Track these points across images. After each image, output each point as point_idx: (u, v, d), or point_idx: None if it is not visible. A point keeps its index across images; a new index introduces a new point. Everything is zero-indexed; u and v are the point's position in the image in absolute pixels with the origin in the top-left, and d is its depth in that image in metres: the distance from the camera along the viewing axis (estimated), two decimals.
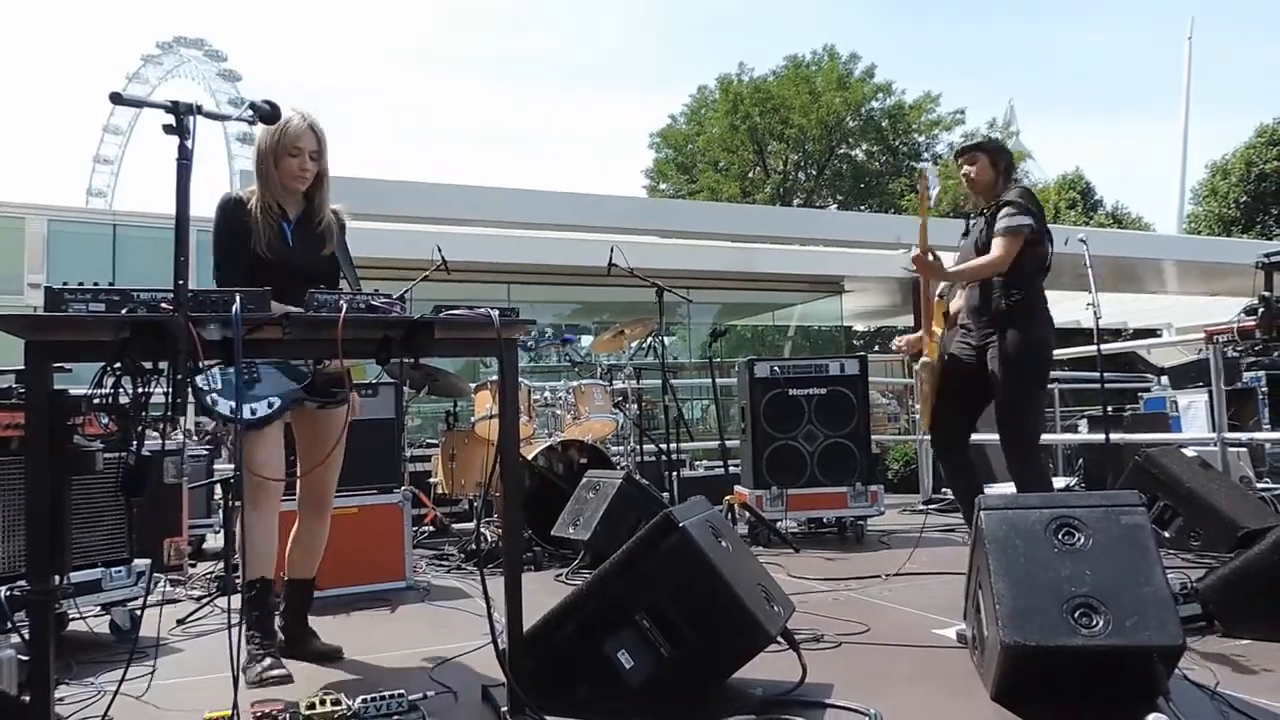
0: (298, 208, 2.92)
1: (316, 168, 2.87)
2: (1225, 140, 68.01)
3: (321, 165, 2.89)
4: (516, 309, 2.35)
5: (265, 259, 2.76)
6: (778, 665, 2.56)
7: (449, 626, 3.54)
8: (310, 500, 3.06)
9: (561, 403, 5.77)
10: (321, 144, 2.87)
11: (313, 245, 2.90)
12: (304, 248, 2.87)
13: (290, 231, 2.87)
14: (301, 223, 2.90)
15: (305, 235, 2.89)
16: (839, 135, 30.54)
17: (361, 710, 2.22)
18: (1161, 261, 14.60)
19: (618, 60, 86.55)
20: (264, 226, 2.79)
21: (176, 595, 4.26)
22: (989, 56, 75.05)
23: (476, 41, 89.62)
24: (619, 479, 4.69)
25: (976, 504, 2.53)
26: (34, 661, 1.95)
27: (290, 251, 2.83)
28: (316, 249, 2.90)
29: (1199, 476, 4.52)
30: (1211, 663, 2.57)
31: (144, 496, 2.09)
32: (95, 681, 2.80)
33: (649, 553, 2.43)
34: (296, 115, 2.82)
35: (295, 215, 2.90)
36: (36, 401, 1.98)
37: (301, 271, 2.77)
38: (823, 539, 5.64)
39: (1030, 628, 2.18)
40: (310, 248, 2.89)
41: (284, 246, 2.83)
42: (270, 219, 2.81)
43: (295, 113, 2.82)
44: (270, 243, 2.79)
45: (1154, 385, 10.58)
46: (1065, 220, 27.90)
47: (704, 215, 13.88)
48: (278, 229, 2.83)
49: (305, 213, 2.92)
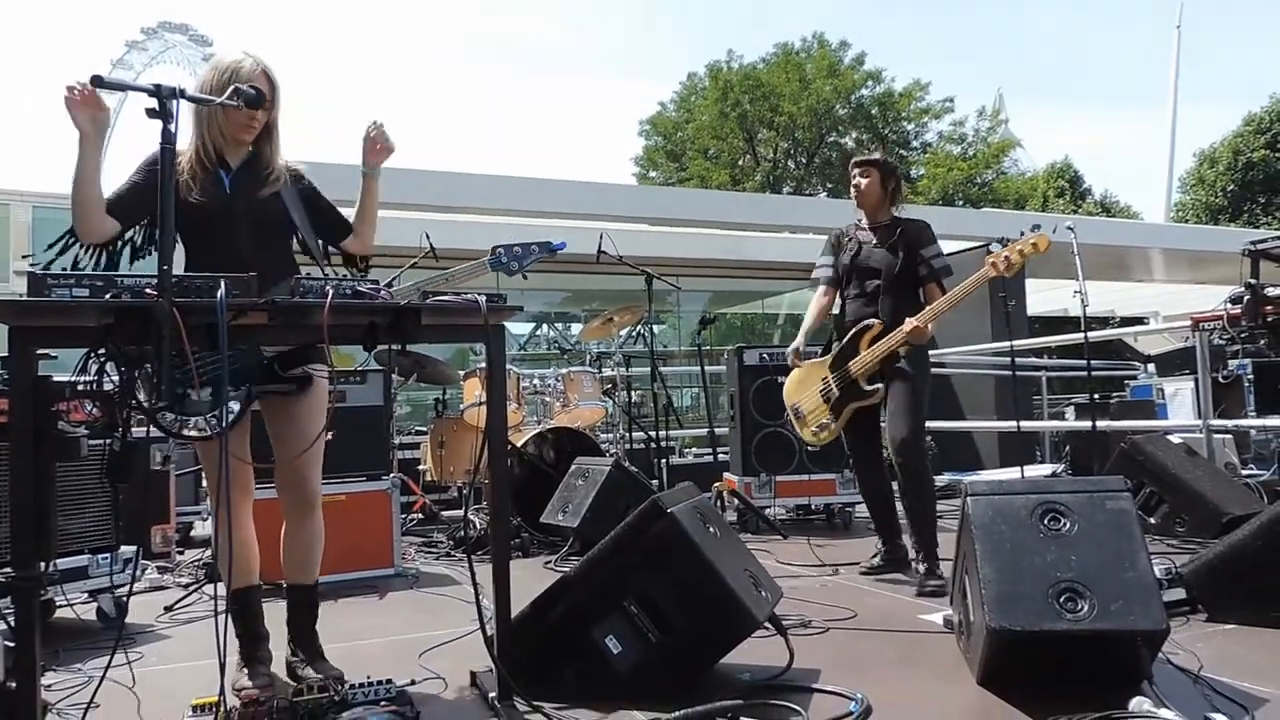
0: (240, 156, 2.63)
1: (266, 118, 2.59)
2: (1213, 129, 68.32)
3: (272, 116, 2.62)
4: (504, 295, 2.34)
5: (199, 206, 2.48)
6: (765, 651, 2.57)
7: (437, 613, 3.55)
8: (293, 496, 2.66)
9: (550, 390, 5.78)
10: (275, 92, 2.59)
11: (254, 188, 2.60)
12: (247, 195, 2.58)
13: (229, 179, 2.58)
14: (244, 170, 2.61)
15: (247, 183, 2.60)
16: (829, 123, 30.55)
17: (349, 696, 2.21)
18: (1149, 250, 14.68)
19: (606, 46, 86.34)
20: (194, 173, 2.52)
21: (164, 582, 4.25)
22: (978, 44, 75.01)
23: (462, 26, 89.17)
24: (608, 466, 4.69)
25: (963, 489, 2.54)
26: (19, 648, 1.94)
27: (230, 199, 2.55)
28: (257, 191, 2.60)
29: (1184, 463, 4.55)
30: (1195, 647, 2.59)
31: (130, 483, 2.08)
32: (82, 668, 2.79)
33: (637, 539, 2.44)
34: (249, 59, 2.52)
35: (237, 164, 2.61)
36: (20, 387, 1.97)
37: (246, 218, 2.55)
38: (811, 525, 5.66)
39: (1016, 612, 2.20)
40: (251, 192, 2.59)
41: (221, 193, 2.54)
42: (206, 165, 2.55)
43: (247, 56, 2.53)
44: (205, 189, 2.51)
45: (1140, 373, 10.66)
46: (1053, 208, 28.04)
47: (694, 203, 13.85)
48: (214, 175, 2.55)
49: (249, 162, 2.62)
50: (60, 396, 2.05)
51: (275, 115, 2.64)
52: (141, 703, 2.42)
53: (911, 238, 3.97)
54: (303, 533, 2.68)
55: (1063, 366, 11.13)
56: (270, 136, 2.64)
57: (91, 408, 3.19)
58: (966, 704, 2.30)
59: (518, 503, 4.87)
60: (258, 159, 2.63)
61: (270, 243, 2.62)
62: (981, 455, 9.31)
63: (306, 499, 2.67)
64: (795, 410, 4.17)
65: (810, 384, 4.12)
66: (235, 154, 2.63)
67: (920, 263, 3.93)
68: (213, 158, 2.57)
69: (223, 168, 2.59)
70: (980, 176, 31.14)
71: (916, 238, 3.98)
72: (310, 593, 2.72)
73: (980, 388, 9.52)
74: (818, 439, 4.11)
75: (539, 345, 6.56)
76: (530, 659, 2.40)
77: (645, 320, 6.35)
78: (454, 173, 10.18)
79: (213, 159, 2.57)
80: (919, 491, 3.82)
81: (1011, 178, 32.84)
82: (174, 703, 2.35)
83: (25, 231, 8.05)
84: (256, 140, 2.63)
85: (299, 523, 2.67)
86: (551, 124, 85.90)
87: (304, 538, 2.68)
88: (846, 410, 3.97)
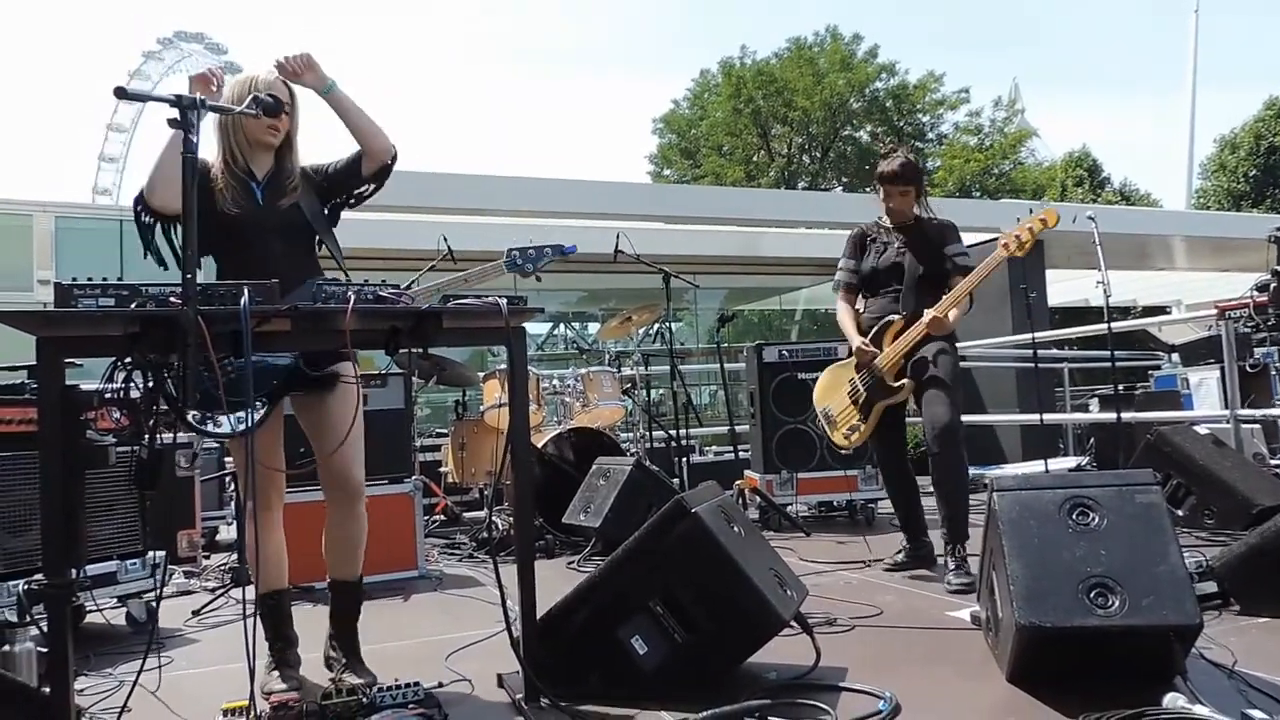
0: (266, 168, 2.69)
1: (288, 124, 2.66)
2: (1234, 114, 67.34)
3: (291, 125, 2.68)
4: (524, 297, 2.34)
5: (235, 218, 2.56)
6: (791, 649, 2.56)
7: (462, 615, 3.56)
8: (337, 493, 2.69)
9: (570, 390, 5.78)
10: (294, 100, 2.67)
11: (281, 200, 2.66)
12: (273, 205, 2.64)
13: (260, 190, 2.65)
14: (270, 181, 2.67)
15: (274, 193, 2.66)
16: (843, 117, 30.35)
17: (377, 699, 2.22)
18: (1170, 238, 14.50)
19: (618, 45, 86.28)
20: (228, 184, 2.58)
21: (191, 587, 4.29)
22: (993, 34, 74.53)
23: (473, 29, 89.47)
24: (629, 465, 4.69)
25: (990, 484, 2.52)
26: (53, 653, 1.96)
27: (262, 211, 2.62)
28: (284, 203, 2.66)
29: (1212, 454, 4.50)
30: (1229, 641, 2.55)
31: (157, 489, 2.09)
32: (113, 672, 2.82)
33: (662, 539, 2.43)
34: (266, 69, 2.61)
35: (263, 175, 2.68)
36: (49, 397, 1.99)
37: (276, 229, 2.61)
38: (834, 522, 5.64)
39: (1045, 609, 2.17)
40: (278, 203, 2.65)
41: (254, 205, 2.61)
42: (235, 176, 2.61)
43: (266, 68, 2.62)
44: (236, 200, 2.58)
45: (1165, 363, 10.53)
46: (1072, 198, 27.75)
47: (709, 200, 13.81)
48: (245, 187, 2.62)
49: (273, 174, 2.69)
50: (88, 405, 2.07)
51: (295, 126, 2.70)
52: (172, 707, 2.44)
53: (936, 237, 3.97)
54: (347, 525, 2.70)
55: (1085, 358, 11.03)
56: (290, 148, 2.70)
57: (119, 415, 3.22)
58: (996, 701, 2.28)
59: (539, 504, 4.87)
60: (280, 170, 2.69)
61: (298, 251, 2.68)
62: (1004, 449, 9.25)
63: (350, 494, 2.69)
64: (826, 415, 4.14)
65: (838, 387, 4.10)
66: (261, 164, 2.68)
67: (944, 260, 3.92)
68: (243, 167, 2.63)
69: (252, 179, 2.65)
70: (997, 167, 30.87)
71: (941, 236, 3.97)
72: (354, 589, 2.74)
73: (1002, 381, 9.45)
74: (849, 442, 4.08)
75: (556, 345, 6.59)
76: (556, 660, 2.40)
77: (663, 319, 6.34)
78: (469, 175, 10.20)
79: (243, 168, 2.63)
80: (953, 483, 3.74)
81: (1029, 168, 32.54)
82: (204, 707, 2.37)
83: (49, 240, 8.11)
84: (278, 151, 2.69)
85: (342, 516, 2.70)
86: (565, 124, 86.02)
87: (348, 530, 2.70)
88: (875, 409, 3.95)
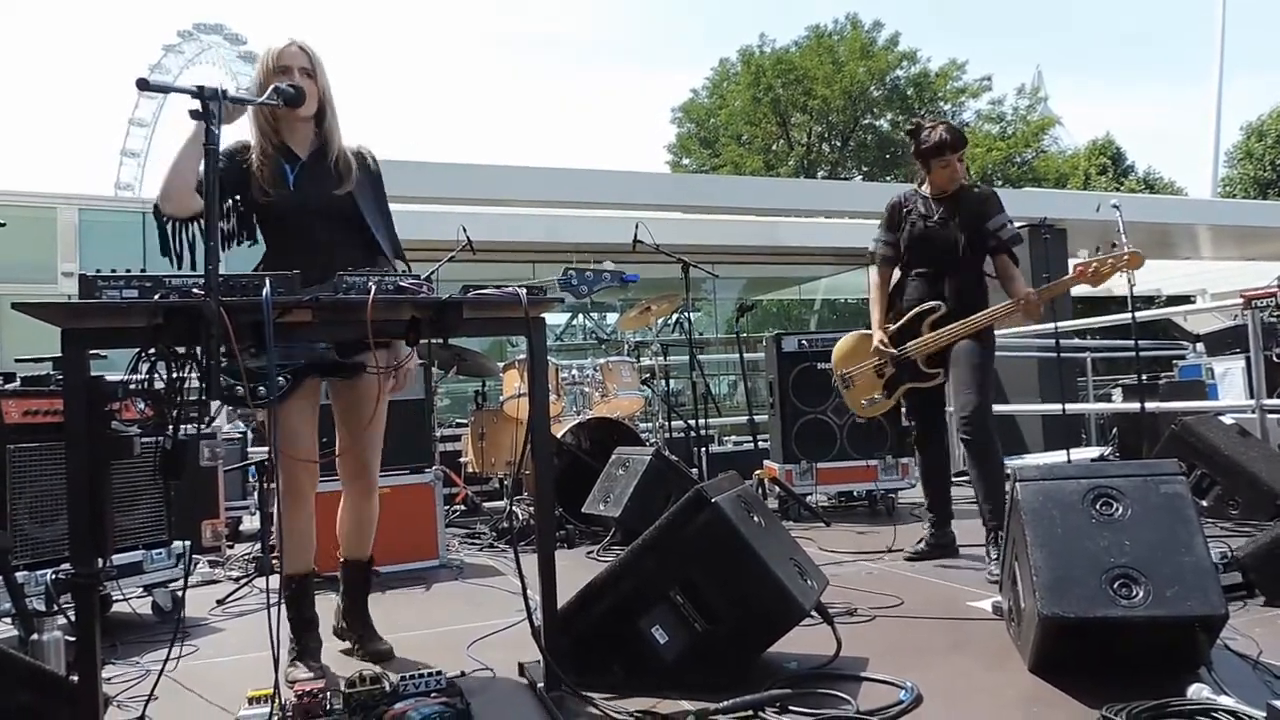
0: (309, 145, 2.67)
1: (312, 86, 2.58)
2: (1261, 101, 66.40)
3: (320, 86, 2.62)
4: (544, 288, 2.34)
5: (269, 205, 2.56)
6: (812, 639, 2.56)
7: (483, 604, 3.57)
8: (351, 476, 2.84)
9: (589, 380, 5.78)
10: (314, 61, 2.60)
11: (324, 185, 2.63)
12: (314, 189, 2.62)
13: (293, 174, 2.62)
14: (312, 162, 2.65)
15: (316, 177, 2.64)
16: (863, 105, 30.12)
17: (400, 687, 2.24)
18: (1195, 226, 14.34)
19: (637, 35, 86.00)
20: (261, 167, 2.56)
21: (215, 576, 4.33)
22: (1015, 21, 73.72)
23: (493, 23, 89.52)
24: (649, 455, 4.69)
25: (1012, 474, 2.50)
26: (80, 642, 1.99)
27: (296, 195, 2.60)
28: (329, 188, 2.63)
29: (1237, 444, 4.45)
30: (1254, 632, 2.53)
31: (181, 479, 2.11)
32: (140, 661, 2.85)
33: (682, 529, 2.43)
34: (284, 38, 2.59)
35: (306, 154, 2.66)
36: (74, 388, 2.01)
37: (317, 216, 2.60)
38: (854, 512, 5.62)
39: (1069, 599, 2.16)
40: (321, 188, 2.62)
41: (285, 190, 2.59)
42: (268, 160, 2.58)
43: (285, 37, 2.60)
44: (272, 185, 2.57)
45: (1189, 353, 10.40)
46: (1096, 186, 27.45)
47: (728, 190, 13.77)
48: (279, 171, 2.59)
49: (317, 151, 2.66)
50: (113, 396, 2.08)
51: (324, 86, 2.64)
52: (199, 695, 2.47)
53: (976, 209, 3.82)
54: (361, 508, 2.88)
55: (1108, 347, 10.93)
56: (327, 111, 2.66)
57: (143, 406, 3.25)
58: (1019, 692, 2.26)
59: (559, 493, 4.88)
60: (325, 146, 2.66)
61: (348, 240, 2.66)
62: (1026, 439, 9.18)
63: (366, 488, 2.86)
64: (844, 378, 4.12)
65: (860, 354, 4.07)
66: (300, 138, 2.67)
67: (987, 235, 3.80)
68: (279, 146, 2.62)
69: (289, 160, 2.63)
70: (1020, 156, 30.56)
71: (981, 208, 3.82)
72: (368, 567, 2.94)
73: (1024, 370, 9.38)
74: (865, 411, 4.07)
75: (575, 335, 6.57)
76: (577, 649, 2.41)
77: (682, 309, 6.33)
78: (489, 165, 10.23)
79: (279, 148, 2.62)
80: (988, 470, 3.63)
81: (1052, 156, 32.20)
82: (229, 694, 2.39)
83: (72, 232, 8.19)
84: (316, 117, 2.65)
85: (356, 501, 2.88)
86: (584, 115, 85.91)
87: (362, 512, 2.88)
88: (900, 389, 3.92)
